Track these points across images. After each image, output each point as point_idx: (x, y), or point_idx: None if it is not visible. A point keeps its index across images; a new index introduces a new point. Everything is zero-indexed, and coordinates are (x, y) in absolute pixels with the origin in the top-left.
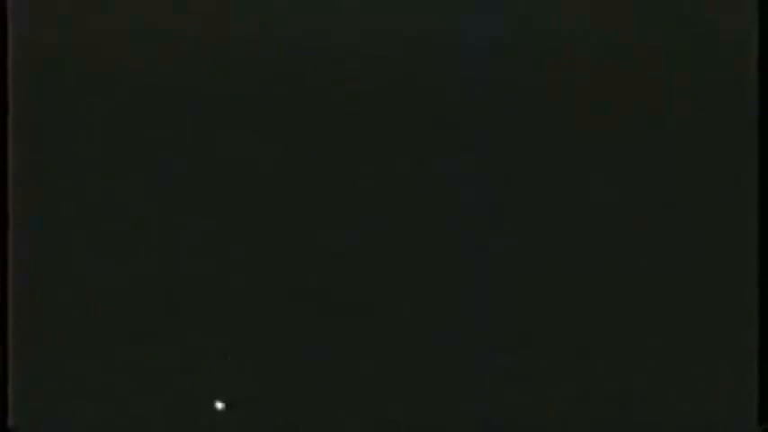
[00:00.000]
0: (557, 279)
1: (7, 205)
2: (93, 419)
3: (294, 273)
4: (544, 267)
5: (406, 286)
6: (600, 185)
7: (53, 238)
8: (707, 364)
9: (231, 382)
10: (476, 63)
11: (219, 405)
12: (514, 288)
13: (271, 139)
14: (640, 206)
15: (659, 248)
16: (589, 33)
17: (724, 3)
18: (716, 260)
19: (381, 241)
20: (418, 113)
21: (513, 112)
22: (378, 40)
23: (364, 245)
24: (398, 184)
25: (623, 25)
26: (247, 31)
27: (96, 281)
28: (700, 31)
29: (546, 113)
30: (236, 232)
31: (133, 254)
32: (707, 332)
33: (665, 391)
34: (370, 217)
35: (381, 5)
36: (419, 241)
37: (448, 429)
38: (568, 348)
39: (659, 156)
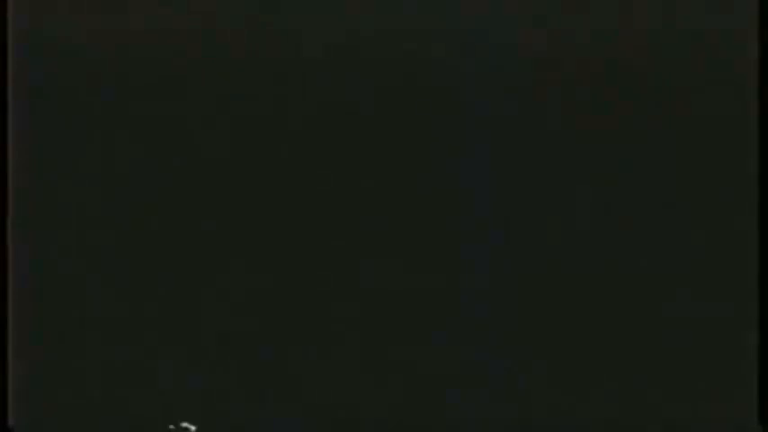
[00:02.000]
0: (557, 279)
1: (7, 205)
2: (93, 419)
3: (294, 272)
4: (544, 267)
5: (406, 286)
6: (600, 185)
7: (53, 238)
8: (707, 364)
9: (232, 383)
10: (476, 62)
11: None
12: (514, 288)
13: (271, 139)
14: (640, 206)
15: (659, 248)
16: (589, 33)
17: (724, 3)
18: (716, 260)
19: (381, 241)
20: (418, 113)
21: (512, 112)
22: (377, 40)
23: (364, 244)
24: (398, 184)
25: (623, 25)
26: (248, 30)
27: (97, 281)
28: (700, 31)
29: (546, 113)
30: (236, 232)
31: (134, 254)
32: (707, 332)
33: (665, 391)
34: (369, 216)
35: (381, 5)
36: (419, 241)
37: (448, 429)
38: (567, 348)
39: (659, 156)
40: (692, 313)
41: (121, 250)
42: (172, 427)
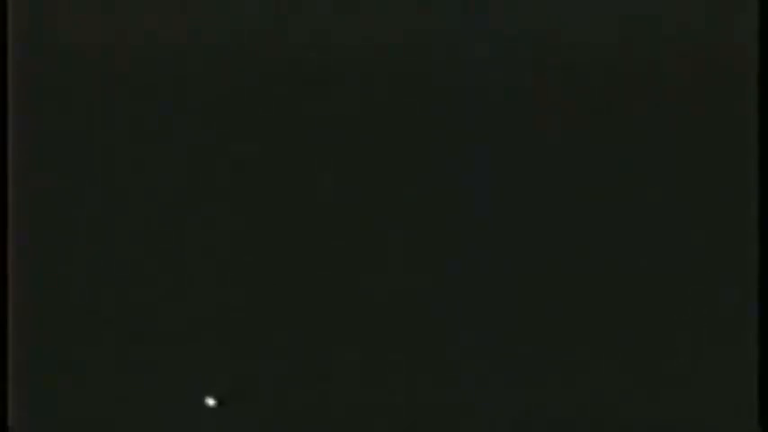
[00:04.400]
0: (557, 279)
1: (7, 205)
2: (93, 419)
3: (294, 272)
4: (544, 267)
5: (405, 285)
6: (600, 185)
7: (53, 238)
8: (707, 364)
9: (233, 383)
10: (476, 62)
11: (211, 402)
12: (514, 288)
13: (272, 140)
14: (640, 206)
15: (659, 248)
16: (589, 33)
17: (724, 3)
18: (716, 260)
19: (381, 240)
20: (418, 113)
21: (512, 112)
22: (377, 40)
23: (363, 244)
24: (398, 184)
25: (623, 25)
26: (248, 30)
27: (97, 281)
28: (700, 30)
29: (546, 113)
30: (237, 232)
31: (134, 254)
32: (707, 332)
33: (665, 392)
34: (369, 216)
35: (381, 5)
36: (419, 241)
37: (448, 428)
38: (567, 348)
39: (659, 156)
40: (692, 313)
41: (122, 250)
42: None
